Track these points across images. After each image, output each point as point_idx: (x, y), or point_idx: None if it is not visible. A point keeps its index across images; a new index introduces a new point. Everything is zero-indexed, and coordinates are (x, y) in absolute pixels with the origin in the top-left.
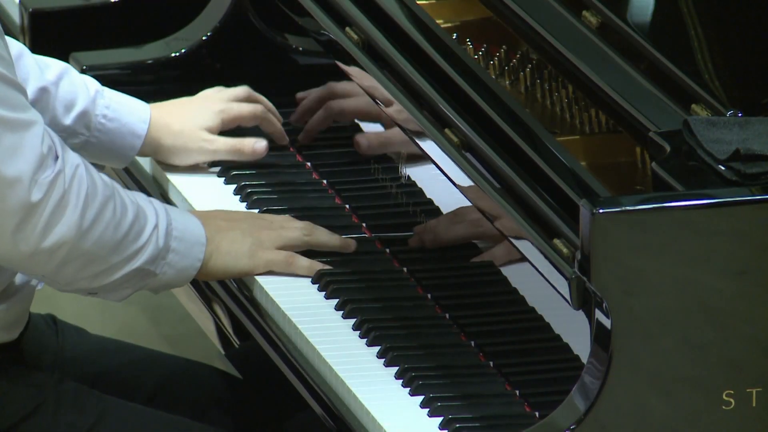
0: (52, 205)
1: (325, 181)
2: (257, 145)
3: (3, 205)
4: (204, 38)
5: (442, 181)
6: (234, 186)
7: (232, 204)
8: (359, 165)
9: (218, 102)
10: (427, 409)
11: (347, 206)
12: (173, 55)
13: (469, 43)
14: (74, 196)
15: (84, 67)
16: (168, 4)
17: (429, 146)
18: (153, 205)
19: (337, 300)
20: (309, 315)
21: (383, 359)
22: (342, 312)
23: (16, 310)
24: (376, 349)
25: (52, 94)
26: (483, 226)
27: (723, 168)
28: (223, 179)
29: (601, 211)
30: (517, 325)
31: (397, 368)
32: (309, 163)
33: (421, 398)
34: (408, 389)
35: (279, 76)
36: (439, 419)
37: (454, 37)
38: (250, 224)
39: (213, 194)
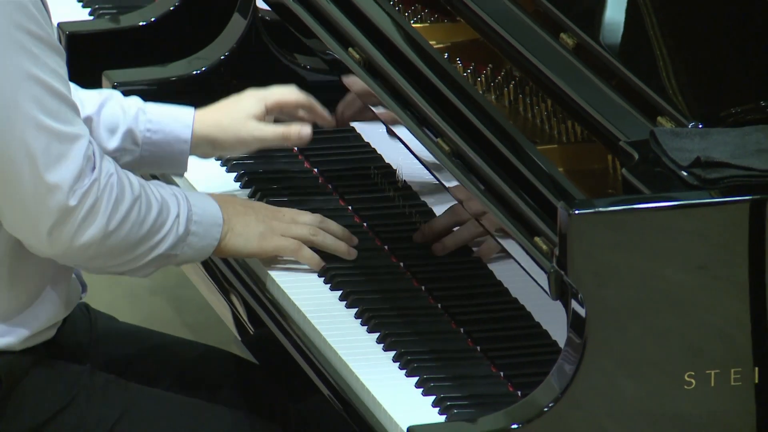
0: (85, 210)
1: (330, 185)
2: (303, 131)
3: (42, 208)
4: (222, 57)
5: (434, 185)
6: (249, 189)
7: None
8: (361, 171)
9: (259, 90)
10: (421, 389)
11: (350, 207)
12: (194, 72)
13: (458, 62)
14: (105, 202)
15: (115, 84)
16: (190, 27)
17: (422, 153)
18: (176, 195)
19: (341, 291)
20: (316, 305)
21: (382, 344)
22: (345, 302)
23: (76, 285)
24: (376, 335)
25: (94, 122)
26: (472, 225)
27: (685, 174)
28: (239, 184)
29: (576, 212)
30: (502, 314)
31: (394, 352)
32: (316, 169)
33: (415, 379)
34: (404, 371)
35: None
36: (432, 398)
37: (445, 57)
38: (264, 213)
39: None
